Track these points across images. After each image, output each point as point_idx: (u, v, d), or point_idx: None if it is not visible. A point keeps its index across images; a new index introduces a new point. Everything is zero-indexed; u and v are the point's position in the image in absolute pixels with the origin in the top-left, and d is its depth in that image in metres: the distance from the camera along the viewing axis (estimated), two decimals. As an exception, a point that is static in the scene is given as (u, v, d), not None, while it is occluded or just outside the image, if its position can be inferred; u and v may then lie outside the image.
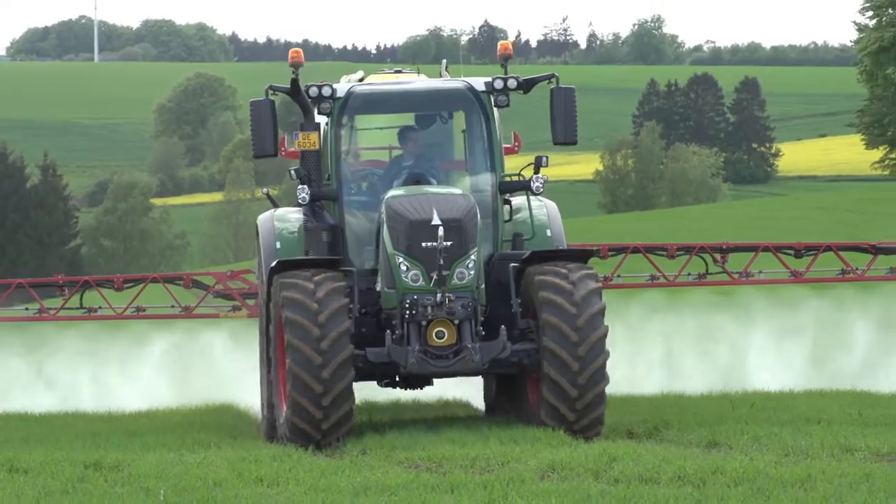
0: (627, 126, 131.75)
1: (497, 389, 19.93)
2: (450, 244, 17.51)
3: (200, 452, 17.09)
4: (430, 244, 17.58)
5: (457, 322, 17.61)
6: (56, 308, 26.14)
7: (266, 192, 21.03)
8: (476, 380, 20.38)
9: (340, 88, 18.96)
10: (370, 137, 20.06)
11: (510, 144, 19.90)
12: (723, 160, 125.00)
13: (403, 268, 17.69)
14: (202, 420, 21.09)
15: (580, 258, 18.09)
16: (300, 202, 18.60)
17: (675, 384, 23.23)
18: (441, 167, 19.42)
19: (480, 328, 17.77)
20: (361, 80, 19.96)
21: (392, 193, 18.24)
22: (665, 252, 25.65)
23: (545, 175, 18.85)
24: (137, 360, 27.24)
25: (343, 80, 20.02)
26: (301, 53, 19.13)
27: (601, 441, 16.30)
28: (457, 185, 18.89)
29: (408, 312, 17.60)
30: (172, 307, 26.21)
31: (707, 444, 16.23)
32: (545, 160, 18.82)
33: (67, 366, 27.12)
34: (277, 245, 19.16)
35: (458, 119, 19.54)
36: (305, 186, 18.57)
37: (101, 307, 26.20)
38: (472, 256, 17.77)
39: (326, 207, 18.86)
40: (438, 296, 17.51)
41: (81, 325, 27.38)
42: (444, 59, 21.37)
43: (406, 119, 19.69)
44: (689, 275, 25.27)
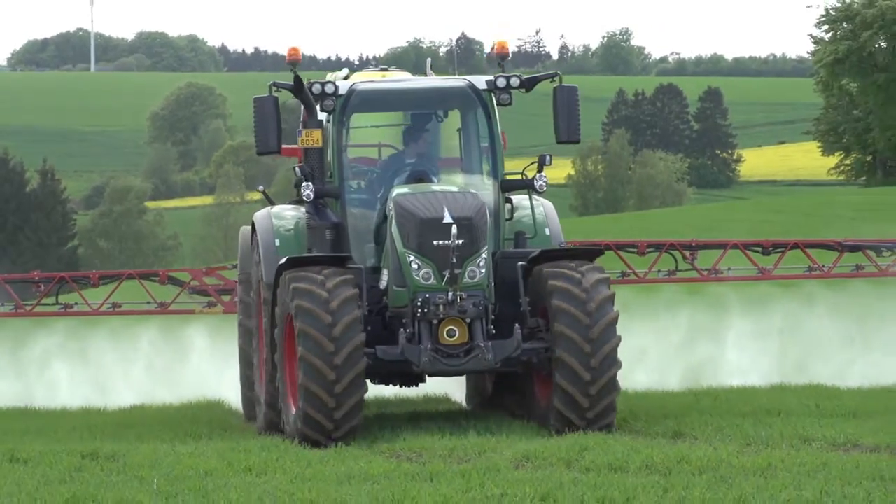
0: (597, 133, 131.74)
1: (496, 386, 19.25)
2: (461, 242, 16.71)
3: (192, 443, 17.07)
4: (442, 242, 16.81)
5: (468, 321, 16.83)
6: (32, 304, 25.32)
7: (262, 190, 20.50)
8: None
9: (342, 86, 18.20)
10: (371, 135, 19.31)
11: None
12: (687, 165, 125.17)
13: (414, 266, 16.92)
14: (193, 413, 21.04)
15: (590, 257, 17.36)
16: (304, 199, 17.82)
17: (645, 379, 23.18)
18: (438, 165, 18.62)
19: (491, 327, 17.03)
20: (346, 79, 19.23)
21: (399, 191, 17.49)
22: (636, 249, 25.54)
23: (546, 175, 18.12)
24: (117, 356, 26.73)
25: (328, 78, 19.34)
26: (299, 51, 18.45)
27: (572, 432, 16.27)
28: (460, 184, 18.04)
29: (419, 311, 16.81)
30: (148, 303, 25.41)
31: (673, 435, 16.23)
32: (549, 159, 18.12)
33: (42, 362, 26.55)
34: (277, 243, 18.37)
35: (454, 117, 18.82)
36: (310, 183, 17.77)
37: (77, 303, 25.40)
38: (483, 255, 17.02)
39: (329, 205, 18.05)
40: (450, 294, 16.73)
41: (57, 322, 26.94)
42: (429, 59, 20.73)
43: (401, 117, 19.01)
44: (660, 272, 25.18)
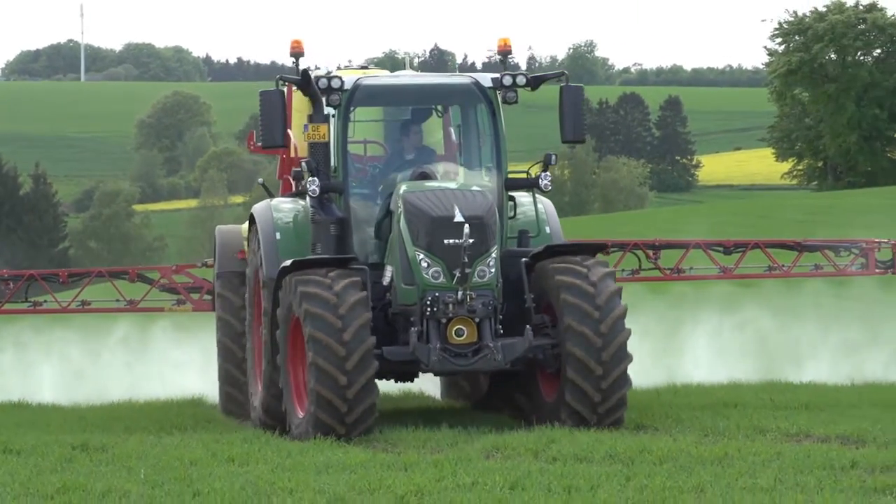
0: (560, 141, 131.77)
1: (490, 387, 18.32)
2: (472, 242, 15.95)
3: (177, 435, 17.04)
4: (453, 241, 16.05)
5: (477, 320, 16.07)
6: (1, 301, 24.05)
7: (262, 182, 19.70)
8: None
9: (347, 81, 17.28)
10: (372, 130, 18.56)
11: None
12: (649, 170, 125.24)
13: (424, 264, 16.15)
14: (178, 407, 20.98)
15: (593, 252, 16.75)
16: (310, 194, 16.96)
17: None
18: (437, 161, 17.81)
19: (499, 326, 16.29)
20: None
21: (407, 187, 16.68)
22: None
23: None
24: (87, 352, 26.16)
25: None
26: (302, 43, 17.56)
27: (540, 424, 16.25)
28: (464, 181, 17.30)
29: (429, 310, 16.06)
30: (117, 301, 24.16)
31: (635, 427, 16.23)
32: (554, 158, 17.35)
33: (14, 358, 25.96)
34: (277, 236, 17.44)
35: (453, 114, 18.10)
36: (316, 178, 16.92)
37: (47, 300, 24.10)
38: (493, 254, 16.28)
39: (333, 200, 17.17)
40: (460, 293, 15.99)
41: (25, 319, 26.29)
42: (408, 58, 20.16)
43: (400, 112, 18.17)
44: (623, 270, 25.10)
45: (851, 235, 25.96)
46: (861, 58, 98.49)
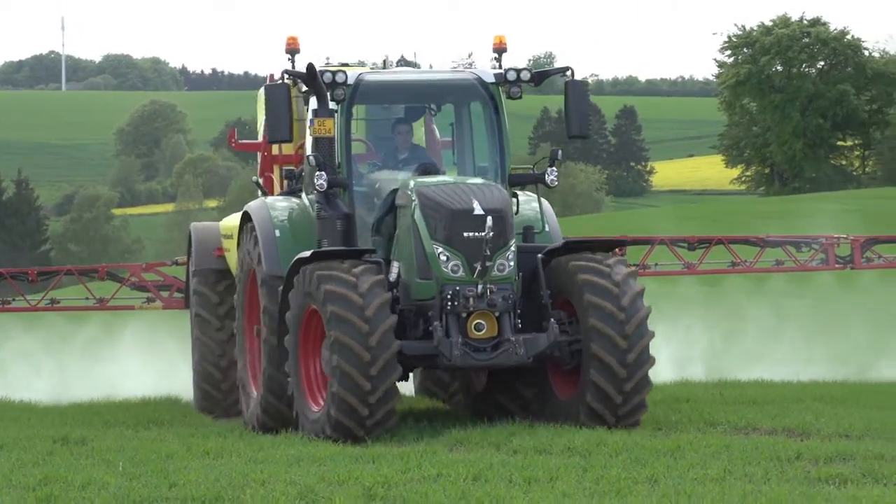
0: (525, 147, 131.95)
1: (489, 385, 16.85)
2: (492, 235, 15.15)
3: (154, 429, 16.99)
4: (473, 234, 15.19)
5: (497, 314, 15.21)
6: None
7: (256, 181, 18.78)
8: None
9: (350, 76, 16.44)
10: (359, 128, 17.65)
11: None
12: (606, 176, 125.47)
13: (443, 258, 15.25)
14: (155, 403, 20.90)
15: (612, 248, 16.07)
16: (318, 189, 16.02)
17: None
18: (430, 157, 17.02)
19: (518, 320, 15.45)
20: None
21: (420, 181, 15.77)
22: None
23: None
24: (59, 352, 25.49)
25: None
26: (297, 40, 16.76)
27: (500, 419, 16.21)
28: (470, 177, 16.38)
29: (449, 304, 15.15)
30: (87, 299, 23.50)
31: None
32: (560, 153, 16.60)
33: None
34: (277, 233, 16.59)
35: (445, 112, 17.25)
36: (323, 173, 15.99)
37: (16, 299, 23.32)
38: (512, 247, 15.42)
39: (339, 195, 16.28)
40: (479, 287, 15.14)
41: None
42: (386, 55, 19.86)
43: (391, 111, 17.35)
44: None
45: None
46: (805, 70, 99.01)
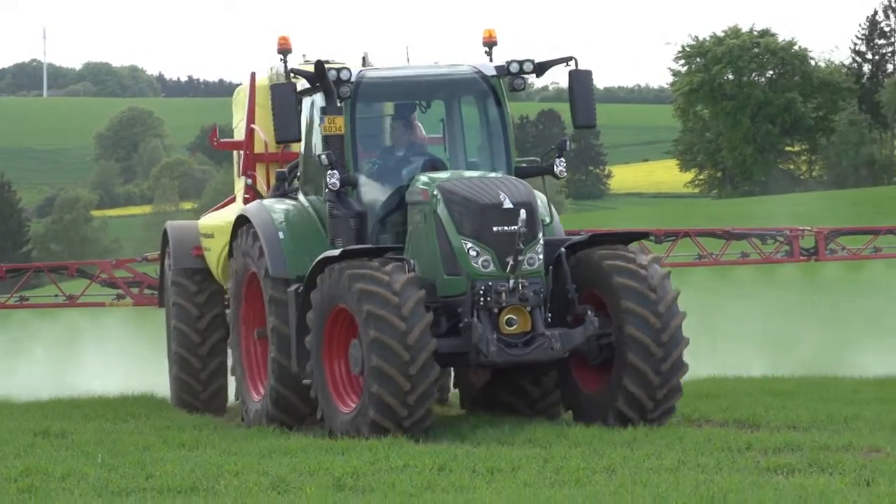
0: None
1: (491, 382, 16.21)
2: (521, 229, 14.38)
3: (132, 422, 16.92)
4: (503, 228, 14.45)
5: (528, 308, 14.45)
6: None
7: (249, 181, 17.70)
8: None
9: (352, 73, 15.63)
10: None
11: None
12: (566, 180, 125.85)
13: (473, 253, 14.48)
14: (134, 397, 20.80)
15: (636, 239, 15.48)
16: (330, 188, 15.21)
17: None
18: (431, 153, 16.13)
19: (549, 315, 14.69)
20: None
21: (441, 177, 15.02)
22: None
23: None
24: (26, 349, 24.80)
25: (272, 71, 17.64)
26: (289, 39, 16.04)
27: (465, 413, 16.21)
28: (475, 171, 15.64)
29: (481, 299, 14.38)
30: (56, 296, 22.60)
31: (553, 414, 16.23)
32: (568, 143, 15.96)
33: None
34: (280, 235, 15.79)
35: (434, 108, 16.33)
36: (336, 171, 15.18)
37: None
38: (541, 241, 14.71)
39: (349, 193, 15.48)
40: (511, 282, 14.39)
41: None
42: (365, 52, 18.05)
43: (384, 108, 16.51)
44: None
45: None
46: (755, 78, 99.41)
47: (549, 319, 14.66)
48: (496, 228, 14.52)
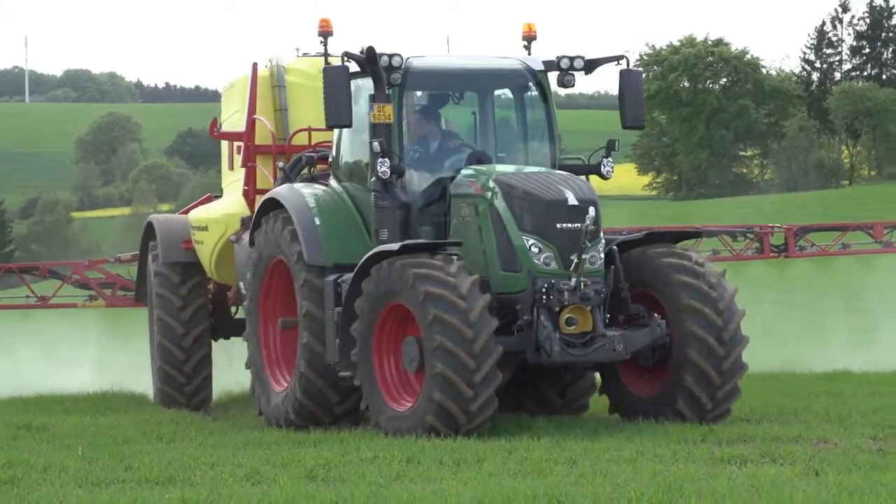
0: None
1: (510, 383, 14.73)
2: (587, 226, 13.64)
3: (111, 416, 16.86)
4: (567, 225, 13.68)
5: (589, 308, 13.66)
6: None
7: (281, 166, 16.38)
8: None
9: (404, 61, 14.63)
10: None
11: None
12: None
13: (535, 250, 13.69)
14: (113, 393, 20.69)
15: (691, 238, 14.86)
16: (381, 176, 14.31)
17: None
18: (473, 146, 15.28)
19: (607, 314, 13.92)
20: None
21: (498, 170, 14.24)
22: None
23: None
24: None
25: (270, 63, 17.11)
26: (330, 22, 15.10)
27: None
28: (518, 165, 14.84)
29: (543, 298, 13.56)
30: (28, 297, 21.52)
31: (515, 408, 16.23)
32: (617, 144, 15.21)
33: None
34: (317, 221, 14.83)
35: (469, 100, 15.41)
36: (387, 160, 14.30)
37: None
38: (602, 239, 13.97)
39: (395, 184, 14.55)
40: (573, 280, 13.61)
41: None
42: (344, 51, 18.91)
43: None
44: None
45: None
46: (710, 85, 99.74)
47: (608, 319, 13.92)
48: (560, 225, 13.74)
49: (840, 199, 74.13)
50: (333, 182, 15.38)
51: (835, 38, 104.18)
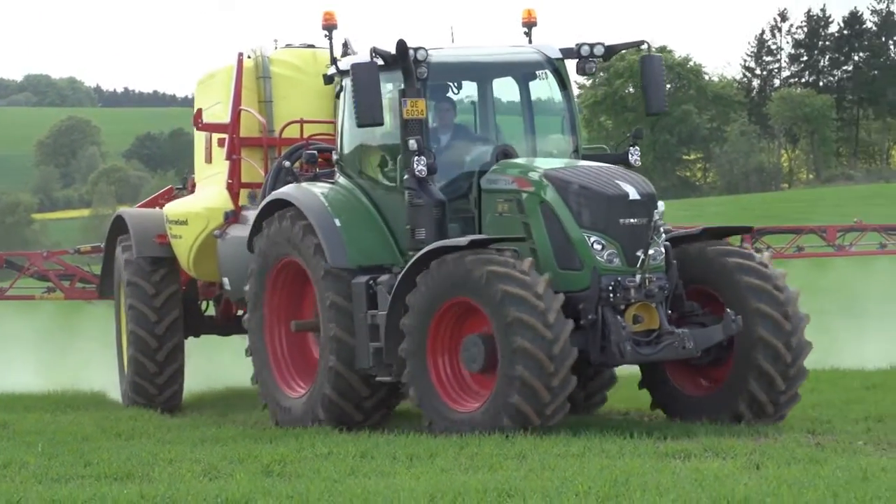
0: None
1: None
2: (649, 222, 13.02)
3: (71, 413, 16.74)
4: (629, 221, 12.99)
5: (654, 305, 13.02)
6: None
7: (289, 166, 15.44)
8: None
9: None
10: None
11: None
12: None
13: (598, 247, 12.97)
14: (73, 391, 20.49)
15: (745, 233, 14.15)
16: (417, 175, 13.63)
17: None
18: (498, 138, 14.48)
19: (670, 311, 13.25)
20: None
21: (545, 165, 13.47)
22: None
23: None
24: None
25: (253, 54, 16.37)
26: (334, 15, 14.40)
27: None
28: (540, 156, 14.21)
29: (610, 296, 12.89)
30: None
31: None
32: (644, 132, 14.46)
33: None
34: (337, 223, 14.07)
35: (468, 89, 14.64)
36: (423, 158, 13.59)
37: None
38: (665, 235, 13.33)
39: (429, 181, 13.78)
40: (638, 277, 12.96)
41: None
42: (346, 38, 16.16)
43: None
44: None
45: None
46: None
47: (670, 315, 13.23)
48: (623, 221, 13.02)
49: (779, 201, 74.65)
50: (342, 178, 14.56)
51: (774, 47, 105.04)
